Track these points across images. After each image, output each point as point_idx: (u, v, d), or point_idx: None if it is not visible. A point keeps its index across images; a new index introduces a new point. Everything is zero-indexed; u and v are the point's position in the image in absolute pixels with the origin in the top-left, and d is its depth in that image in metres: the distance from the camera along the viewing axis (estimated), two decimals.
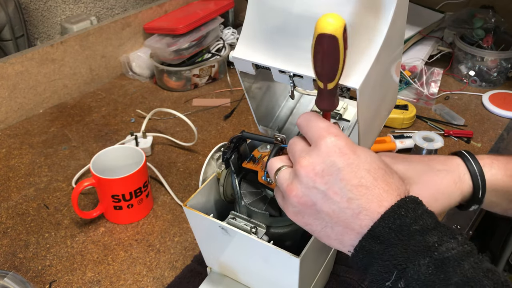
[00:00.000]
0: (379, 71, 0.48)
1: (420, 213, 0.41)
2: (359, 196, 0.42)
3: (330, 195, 0.43)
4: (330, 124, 0.45)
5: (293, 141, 0.48)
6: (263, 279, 0.61)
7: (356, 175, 0.42)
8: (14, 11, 1.13)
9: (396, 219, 0.41)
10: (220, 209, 0.65)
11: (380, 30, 0.44)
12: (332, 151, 0.43)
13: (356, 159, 0.43)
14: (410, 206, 0.42)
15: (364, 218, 0.42)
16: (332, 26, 0.39)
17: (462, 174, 0.54)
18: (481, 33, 1.23)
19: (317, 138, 0.44)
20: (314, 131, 0.45)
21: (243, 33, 0.51)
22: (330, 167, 0.43)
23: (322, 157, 0.43)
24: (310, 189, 0.43)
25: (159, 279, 0.74)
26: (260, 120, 0.64)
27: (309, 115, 0.47)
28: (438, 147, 0.92)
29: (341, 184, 0.42)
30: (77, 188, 0.78)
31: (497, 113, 1.14)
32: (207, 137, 1.08)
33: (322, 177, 0.43)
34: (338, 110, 0.65)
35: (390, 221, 0.41)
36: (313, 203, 0.44)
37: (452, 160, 0.56)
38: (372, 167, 0.43)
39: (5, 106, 1.11)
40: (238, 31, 1.42)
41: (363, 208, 0.42)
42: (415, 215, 0.41)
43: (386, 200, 0.42)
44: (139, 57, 1.32)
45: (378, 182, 0.43)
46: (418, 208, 0.42)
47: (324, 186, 0.43)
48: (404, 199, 0.42)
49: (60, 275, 0.75)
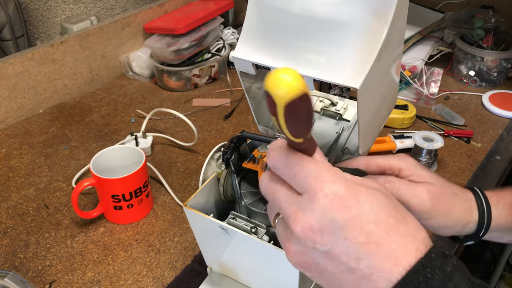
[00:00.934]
0: (380, 71, 0.48)
1: (450, 271, 0.34)
2: (369, 255, 0.35)
3: (334, 256, 0.36)
4: (319, 166, 0.37)
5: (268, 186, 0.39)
6: (263, 279, 0.61)
7: (362, 230, 0.35)
8: (14, 11, 1.13)
9: (422, 283, 0.34)
10: (220, 209, 0.65)
11: (380, 30, 0.44)
12: (331, 205, 0.36)
13: (361, 209, 0.36)
14: (436, 264, 0.34)
15: (377, 279, 0.35)
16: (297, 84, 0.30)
17: (473, 209, 0.53)
18: (481, 33, 1.23)
19: (310, 189, 0.36)
20: (301, 180, 0.37)
21: (243, 33, 0.51)
22: (330, 225, 0.36)
23: (319, 214, 0.36)
24: (309, 249, 0.37)
25: (159, 279, 0.74)
26: (260, 120, 0.64)
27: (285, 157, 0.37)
28: (438, 147, 0.92)
29: (346, 243, 0.36)
30: (77, 188, 0.78)
31: (497, 113, 1.14)
32: (207, 137, 1.08)
33: (321, 237, 0.36)
34: (338, 110, 0.65)
35: (413, 285, 0.34)
36: (315, 263, 0.38)
37: (466, 192, 0.54)
38: (380, 218, 0.36)
39: (5, 106, 1.11)
40: (238, 31, 1.42)
41: (375, 269, 0.35)
42: (444, 275, 0.34)
43: (404, 258, 0.35)
44: (139, 57, 1.32)
45: (391, 235, 0.36)
46: (446, 264, 0.35)
47: (326, 246, 0.36)
48: (429, 255, 0.35)
49: (60, 275, 0.75)
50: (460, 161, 0.98)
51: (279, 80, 0.30)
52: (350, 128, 0.65)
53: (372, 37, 0.45)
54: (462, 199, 0.53)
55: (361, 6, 0.43)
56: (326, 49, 0.46)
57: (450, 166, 0.97)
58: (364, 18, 0.44)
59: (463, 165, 0.97)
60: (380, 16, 0.44)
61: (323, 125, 0.66)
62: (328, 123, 0.66)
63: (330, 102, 0.67)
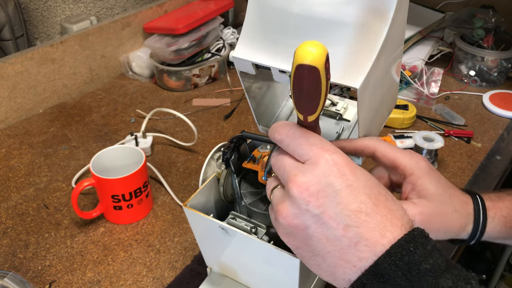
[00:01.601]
0: (380, 70, 0.48)
1: (430, 250, 0.37)
2: (359, 223, 0.37)
3: (324, 220, 0.38)
4: (322, 138, 0.41)
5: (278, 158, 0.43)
6: (263, 280, 0.61)
7: (355, 199, 0.38)
8: (14, 11, 1.13)
9: (404, 256, 0.36)
10: (220, 209, 0.65)
11: (380, 30, 0.44)
12: (330, 170, 0.38)
13: (356, 181, 0.38)
14: (419, 241, 0.37)
15: (363, 249, 0.37)
16: (312, 55, 0.34)
17: (468, 222, 0.52)
18: (482, 33, 1.23)
19: (312, 156, 0.39)
20: (306, 148, 0.40)
21: (243, 33, 0.51)
22: (327, 188, 0.38)
23: (318, 177, 0.38)
24: (302, 211, 0.39)
25: (159, 279, 0.74)
26: (260, 120, 0.64)
27: (292, 130, 0.42)
28: (439, 147, 0.92)
29: (338, 208, 0.38)
30: (77, 188, 0.78)
31: (498, 113, 1.14)
32: (207, 137, 1.08)
33: (317, 198, 0.38)
34: (339, 110, 0.65)
35: (397, 257, 0.36)
36: (305, 226, 0.39)
37: (467, 207, 0.53)
38: (373, 192, 0.39)
39: (5, 106, 1.11)
40: (238, 31, 1.42)
41: (362, 238, 0.37)
42: (425, 252, 0.36)
43: (390, 230, 0.37)
44: (139, 57, 1.32)
45: (380, 209, 0.38)
46: (427, 243, 0.37)
47: (319, 209, 0.38)
48: (412, 233, 0.37)
49: (60, 275, 0.75)
50: (460, 161, 0.98)
51: (301, 46, 0.35)
52: (350, 128, 0.64)
53: (372, 36, 0.44)
54: (460, 215, 0.51)
55: (360, 6, 0.43)
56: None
57: (451, 166, 0.97)
58: (364, 18, 0.44)
59: (463, 165, 0.97)
60: (380, 16, 0.44)
61: (323, 125, 0.66)
62: (328, 123, 0.66)
63: (330, 102, 0.67)
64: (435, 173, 0.51)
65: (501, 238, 0.55)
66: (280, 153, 0.43)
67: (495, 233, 0.54)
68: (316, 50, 0.34)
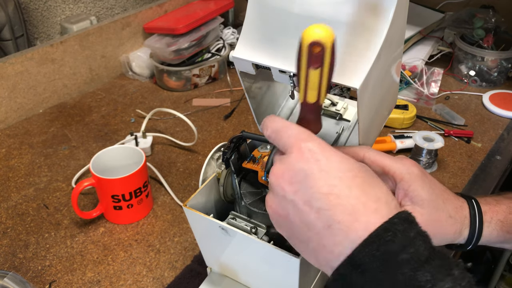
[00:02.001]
0: (380, 70, 0.48)
1: (413, 237, 0.35)
2: (330, 206, 0.37)
3: (299, 206, 0.39)
4: (300, 129, 0.42)
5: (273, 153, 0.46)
6: (263, 280, 0.61)
7: (326, 182, 0.38)
8: (14, 11, 1.13)
9: (381, 245, 0.35)
10: (220, 209, 0.65)
11: (380, 30, 0.44)
12: (302, 156, 0.39)
13: (328, 164, 0.39)
14: (399, 229, 0.35)
15: (337, 233, 0.37)
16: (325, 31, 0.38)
17: (464, 227, 0.52)
18: (482, 33, 1.23)
19: (289, 146, 0.41)
20: (284, 140, 0.42)
21: (243, 33, 0.51)
22: (298, 173, 0.39)
23: (292, 163, 0.40)
24: (280, 198, 0.40)
25: (159, 279, 0.74)
26: (260, 120, 0.64)
27: (275, 123, 0.43)
28: (439, 147, 0.92)
29: (310, 192, 0.38)
30: (77, 188, 0.78)
31: (498, 113, 1.14)
32: (207, 137, 1.08)
33: (290, 184, 0.39)
34: (338, 110, 0.65)
35: (373, 247, 0.35)
36: (286, 214, 0.40)
37: (462, 211, 0.52)
38: (346, 175, 0.38)
39: (5, 106, 1.11)
40: (238, 31, 1.42)
41: (334, 221, 0.37)
42: (405, 239, 0.35)
43: (363, 214, 0.36)
44: (139, 57, 1.32)
45: (353, 190, 0.37)
46: (410, 230, 0.36)
47: (293, 195, 0.39)
48: (393, 220, 0.36)
49: (60, 275, 0.75)
50: (460, 161, 0.98)
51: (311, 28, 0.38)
52: (350, 128, 0.64)
53: (372, 36, 0.44)
54: (455, 221, 0.51)
55: (361, 6, 0.43)
56: None
57: (450, 166, 0.97)
58: (364, 18, 0.44)
59: (463, 165, 0.97)
60: (380, 16, 0.44)
61: (323, 125, 0.66)
62: (328, 123, 0.66)
63: (330, 102, 0.67)
64: (428, 178, 0.50)
65: (499, 243, 0.55)
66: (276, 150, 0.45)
67: (492, 237, 0.53)
68: (325, 28, 0.38)
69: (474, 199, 0.54)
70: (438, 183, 0.52)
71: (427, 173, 0.51)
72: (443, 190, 0.51)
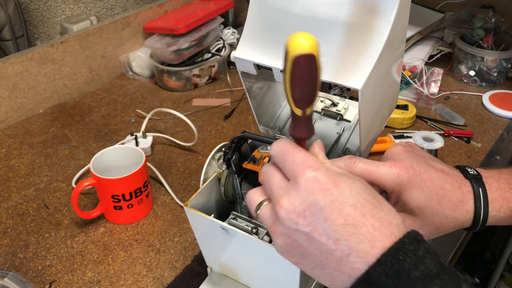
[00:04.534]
0: (381, 71, 0.48)
1: (421, 255, 0.37)
2: (347, 236, 0.38)
3: (315, 237, 0.39)
4: (306, 155, 0.41)
5: (267, 172, 0.44)
6: (264, 280, 0.61)
7: (341, 213, 0.38)
8: (14, 11, 1.13)
9: (394, 264, 0.37)
10: (220, 209, 0.65)
11: (382, 31, 0.44)
12: (312, 188, 0.39)
13: (340, 194, 0.39)
14: (409, 248, 0.37)
15: (355, 260, 0.38)
16: (308, 45, 0.36)
17: (468, 219, 0.50)
18: (481, 33, 1.23)
19: (295, 174, 0.40)
20: (290, 165, 0.41)
21: (245, 33, 0.51)
22: (312, 206, 0.39)
23: (302, 196, 0.39)
24: (293, 231, 0.40)
25: (159, 279, 0.74)
26: (261, 120, 0.64)
27: (282, 145, 0.43)
28: (438, 147, 0.92)
29: (326, 224, 0.38)
30: (77, 188, 0.78)
31: (497, 113, 1.14)
32: (207, 137, 1.08)
33: (304, 218, 0.39)
34: (339, 110, 0.65)
35: (387, 266, 0.37)
36: (299, 244, 0.40)
37: (463, 206, 0.50)
38: (358, 202, 0.39)
39: (5, 106, 1.11)
40: (238, 31, 1.42)
41: (353, 250, 0.38)
42: (416, 259, 0.37)
43: (379, 240, 0.38)
44: (139, 57, 1.32)
45: (367, 218, 0.38)
46: (418, 249, 0.37)
47: (308, 227, 0.39)
48: (403, 240, 0.38)
49: (60, 275, 0.75)
50: (460, 161, 0.98)
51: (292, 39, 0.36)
52: (351, 128, 0.65)
53: (374, 37, 0.44)
54: (454, 219, 0.49)
55: (362, 6, 0.43)
56: (327, 49, 0.46)
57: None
58: (365, 19, 0.44)
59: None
60: (382, 16, 0.44)
61: (324, 126, 0.66)
62: (329, 124, 0.66)
63: (331, 103, 0.67)
64: (420, 180, 0.48)
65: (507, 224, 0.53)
66: (269, 166, 0.44)
67: (500, 223, 0.52)
68: (309, 40, 0.36)
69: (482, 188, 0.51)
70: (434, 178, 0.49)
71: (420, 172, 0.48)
72: (440, 187, 0.49)
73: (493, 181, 0.51)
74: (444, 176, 0.50)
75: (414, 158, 0.49)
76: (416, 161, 0.49)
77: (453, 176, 0.50)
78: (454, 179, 0.50)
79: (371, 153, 0.97)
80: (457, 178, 0.51)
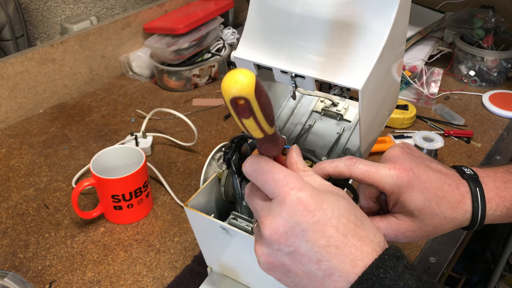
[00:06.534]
0: (381, 71, 0.48)
1: (401, 272, 0.38)
2: (329, 257, 0.39)
3: (297, 257, 0.40)
4: (287, 174, 0.40)
5: (249, 193, 0.44)
6: (264, 280, 0.61)
7: (323, 234, 0.39)
8: (14, 11, 1.13)
9: (375, 282, 0.38)
10: (221, 209, 0.65)
11: (382, 31, 0.44)
12: (296, 209, 0.39)
13: (323, 215, 0.39)
14: (389, 265, 0.38)
15: (337, 279, 0.39)
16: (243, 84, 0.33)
17: (466, 219, 0.50)
18: (481, 33, 1.23)
19: (278, 195, 0.40)
20: (272, 185, 0.40)
21: (245, 33, 0.51)
22: (294, 228, 0.39)
23: (285, 218, 0.39)
24: (275, 251, 0.41)
25: (159, 279, 0.74)
26: None
27: (258, 164, 0.42)
28: (438, 147, 0.92)
29: (308, 245, 0.39)
30: (77, 188, 0.78)
31: (497, 113, 1.14)
32: (207, 137, 1.08)
33: (286, 239, 0.40)
34: (339, 110, 0.65)
35: (368, 284, 0.38)
36: (281, 264, 0.41)
37: (461, 206, 0.50)
38: (340, 223, 0.39)
39: (5, 106, 1.11)
40: (238, 31, 1.42)
41: (335, 270, 0.39)
42: (395, 275, 0.38)
43: (360, 259, 0.39)
44: (139, 57, 1.32)
45: (349, 239, 0.39)
46: (398, 265, 0.39)
47: (290, 248, 0.40)
48: (383, 257, 0.39)
49: (60, 275, 0.75)
50: (460, 161, 0.98)
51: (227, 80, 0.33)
52: (351, 128, 0.65)
53: (374, 37, 0.44)
54: (452, 219, 0.49)
55: (362, 7, 0.43)
56: (328, 49, 0.46)
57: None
58: (366, 19, 0.44)
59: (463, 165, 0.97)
60: (382, 16, 0.44)
61: (324, 126, 0.66)
62: (329, 124, 0.66)
63: (331, 103, 0.67)
64: (419, 182, 0.48)
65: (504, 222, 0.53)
66: (252, 189, 0.44)
67: (497, 221, 0.52)
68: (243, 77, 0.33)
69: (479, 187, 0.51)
70: (433, 180, 0.49)
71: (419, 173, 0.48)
72: (438, 189, 0.49)
73: (489, 180, 0.52)
74: (442, 177, 0.50)
75: (412, 160, 0.49)
76: (415, 162, 0.49)
77: (451, 177, 0.50)
78: (452, 180, 0.50)
79: (371, 153, 0.97)
80: (454, 178, 0.51)
